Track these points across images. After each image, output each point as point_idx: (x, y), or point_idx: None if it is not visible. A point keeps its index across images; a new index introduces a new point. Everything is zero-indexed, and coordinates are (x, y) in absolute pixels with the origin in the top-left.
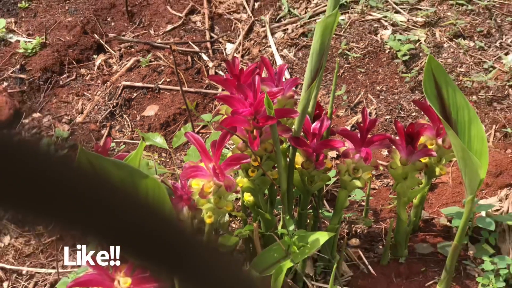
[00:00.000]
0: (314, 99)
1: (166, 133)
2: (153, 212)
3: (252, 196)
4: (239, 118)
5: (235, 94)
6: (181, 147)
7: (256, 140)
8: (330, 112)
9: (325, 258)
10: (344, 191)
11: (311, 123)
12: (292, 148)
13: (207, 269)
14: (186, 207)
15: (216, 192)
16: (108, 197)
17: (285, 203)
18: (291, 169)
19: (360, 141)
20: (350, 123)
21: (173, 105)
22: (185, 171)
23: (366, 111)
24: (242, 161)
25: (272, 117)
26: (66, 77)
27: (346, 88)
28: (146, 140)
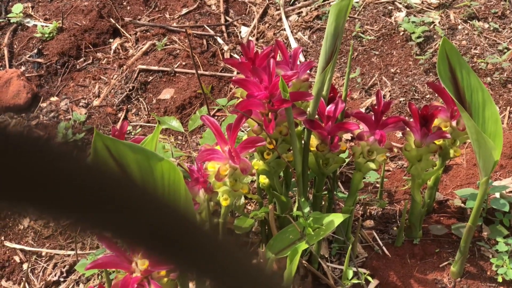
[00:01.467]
0: (329, 82)
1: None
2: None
3: (268, 178)
4: (254, 101)
5: (250, 77)
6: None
7: (271, 123)
8: (344, 95)
9: (340, 240)
10: (358, 173)
11: (325, 106)
12: (307, 131)
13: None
14: (202, 190)
15: (231, 174)
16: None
17: (300, 185)
18: (306, 151)
19: (374, 124)
20: (364, 106)
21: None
22: (201, 154)
23: (380, 94)
24: (257, 144)
25: (287, 100)
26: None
27: (361, 70)
28: (162, 123)
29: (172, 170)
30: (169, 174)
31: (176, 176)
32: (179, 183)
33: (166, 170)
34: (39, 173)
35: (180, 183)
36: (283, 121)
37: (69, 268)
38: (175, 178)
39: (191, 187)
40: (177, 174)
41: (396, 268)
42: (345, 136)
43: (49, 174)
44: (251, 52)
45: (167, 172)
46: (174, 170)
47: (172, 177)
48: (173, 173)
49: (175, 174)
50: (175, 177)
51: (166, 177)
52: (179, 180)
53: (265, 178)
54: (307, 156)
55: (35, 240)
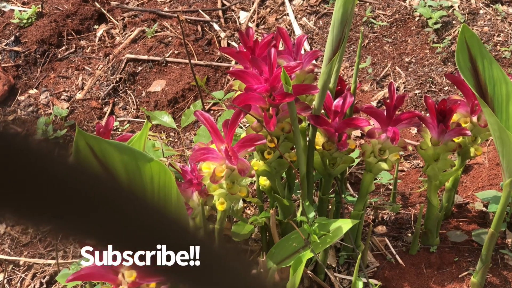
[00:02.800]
0: (336, 73)
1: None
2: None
3: (269, 180)
4: (253, 95)
5: (249, 68)
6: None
7: (272, 119)
8: (353, 87)
9: (348, 248)
10: (369, 174)
11: (332, 100)
12: (312, 128)
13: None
14: (196, 193)
15: (228, 176)
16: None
17: (305, 188)
18: (311, 150)
19: (386, 119)
20: (375, 99)
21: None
22: (195, 153)
23: (393, 86)
24: (257, 142)
25: (289, 94)
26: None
27: (372, 60)
28: (152, 119)
29: (162, 171)
30: (159, 176)
31: (167, 178)
32: (170, 185)
33: (156, 171)
34: (16, 174)
35: (172, 186)
36: (285, 117)
37: (49, 279)
38: (166, 180)
39: (184, 190)
40: (168, 176)
41: (411, 278)
42: (354, 133)
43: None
44: (250, 40)
45: (157, 174)
46: (164, 172)
47: (163, 179)
48: (164, 175)
49: (165, 176)
50: (165, 179)
51: (156, 179)
52: (170, 183)
53: (265, 180)
54: (312, 156)
55: (12, 248)
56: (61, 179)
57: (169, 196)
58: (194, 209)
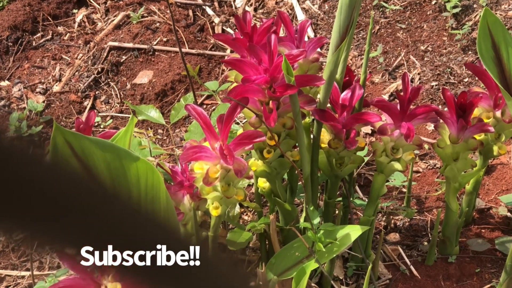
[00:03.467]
0: (344, 63)
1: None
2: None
3: (268, 182)
4: (251, 87)
5: (246, 57)
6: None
7: (272, 114)
8: (363, 79)
9: (357, 257)
10: (380, 175)
11: (339, 93)
12: (316, 124)
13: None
14: (187, 196)
15: (224, 177)
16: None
17: (309, 191)
18: (316, 149)
19: (400, 114)
20: (387, 92)
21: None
22: (186, 152)
23: (407, 77)
24: (255, 139)
25: (292, 85)
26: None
27: (383, 48)
28: (138, 114)
29: (150, 171)
30: (146, 177)
31: (154, 179)
32: (158, 188)
33: (143, 172)
34: None
35: (160, 188)
36: (287, 111)
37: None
38: (154, 181)
39: (174, 193)
40: (156, 176)
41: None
42: (364, 130)
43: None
44: (247, 26)
45: (143, 174)
46: (152, 172)
47: (150, 180)
48: (151, 175)
49: (153, 177)
50: (153, 180)
51: (143, 180)
52: (159, 184)
53: (265, 182)
54: (317, 155)
55: None
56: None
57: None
58: (185, 214)
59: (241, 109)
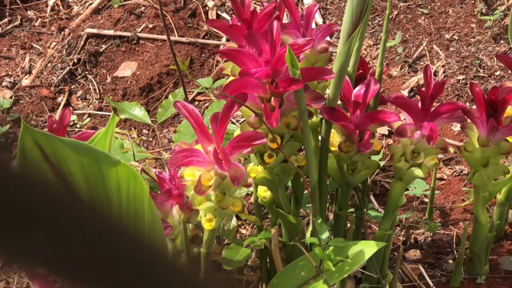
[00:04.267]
0: (357, 54)
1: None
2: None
3: (270, 191)
4: (250, 82)
5: (244, 46)
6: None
7: (274, 113)
8: (379, 72)
9: (372, 278)
10: (399, 183)
11: (352, 88)
12: (325, 124)
13: None
14: (176, 207)
15: (218, 185)
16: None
17: (316, 201)
18: (324, 152)
19: (421, 113)
20: (407, 87)
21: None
22: (175, 156)
23: (430, 70)
24: (255, 142)
25: (297, 79)
26: (7, 22)
27: (402, 36)
28: (119, 111)
29: (132, 178)
30: (127, 185)
31: (138, 187)
32: (142, 197)
33: (124, 178)
34: None
35: (144, 198)
36: (291, 109)
37: None
38: (137, 189)
39: (161, 203)
40: (139, 184)
41: None
42: (380, 131)
43: None
44: (246, 11)
45: (124, 181)
46: (134, 179)
47: (132, 188)
48: (134, 182)
49: (136, 184)
50: (136, 188)
51: (124, 188)
52: (142, 193)
53: (266, 191)
54: (326, 159)
55: None
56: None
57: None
58: (174, 228)
59: (238, 107)
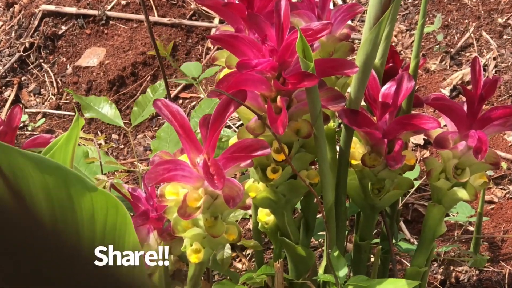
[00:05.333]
0: (386, 42)
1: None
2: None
3: (273, 214)
4: (251, 76)
5: (244, 31)
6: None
7: (281, 116)
8: (414, 65)
9: None
10: (437, 207)
11: (379, 85)
12: (345, 131)
13: None
14: (154, 234)
15: (209, 207)
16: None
17: (332, 228)
18: (344, 167)
19: (467, 118)
20: (449, 84)
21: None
22: (154, 169)
23: (478, 63)
24: (256, 152)
25: (310, 74)
26: None
27: (443, 20)
28: (84, 109)
29: (112, 208)
30: (105, 215)
31: (119, 220)
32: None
33: (101, 207)
34: None
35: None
36: (302, 111)
37: None
38: (118, 222)
39: (135, 228)
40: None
41: None
42: (414, 140)
43: None
44: None
45: (101, 211)
46: (116, 209)
47: (112, 220)
48: (114, 213)
49: (117, 216)
50: (117, 220)
51: (100, 219)
52: (125, 226)
53: (268, 214)
54: (345, 176)
55: None
56: None
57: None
58: None
59: (235, 108)
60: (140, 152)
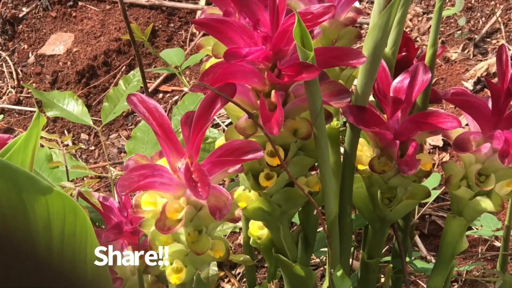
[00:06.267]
0: (399, 27)
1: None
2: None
3: (267, 228)
4: (241, 67)
5: (233, 14)
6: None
7: (275, 113)
8: (431, 54)
9: None
10: (457, 219)
11: (391, 78)
12: (351, 131)
13: None
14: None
15: (191, 220)
16: None
17: (335, 243)
18: (349, 173)
19: (493, 117)
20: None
21: (104, 34)
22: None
23: (506, 52)
24: (246, 156)
25: (309, 65)
26: None
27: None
28: (46, 106)
29: (70, 213)
30: (63, 222)
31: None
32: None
33: (58, 213)
34: None
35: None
36: (300, 108)
37: None
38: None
39: (107, 244)
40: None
41: None
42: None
43: None
44: None
45: (58, 216)
46: (75, 214)
47: (71, 227)
48: (73, 219)
49: (76, 222)
50: (76, 227)
51: (57, 226)
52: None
53: (261, 228)
54: (351, 183)
55: None
56: None
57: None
58: (125, 280)
59: (222, 104)
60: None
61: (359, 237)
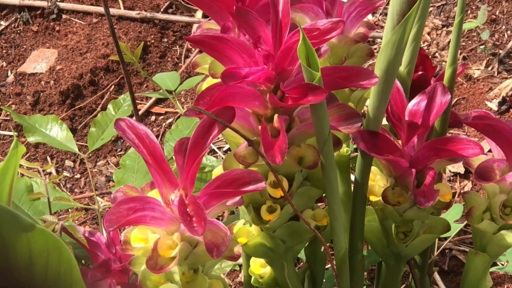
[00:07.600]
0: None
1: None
2: None
3: (270, 266)
4: (240, 89)
5: (232, 30)
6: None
7: (278, 140)
8: (450, 73)
9: None
10: (480, 255)
11: (406, 100)
12: (362, 158)
13: None
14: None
15: (186, 257)
16: None
17: (345, 282)
18: (360, 205)
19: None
20: (496, 96)
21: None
22: (117, 208)
23: None
24: (246, 187)
25: (316, 86)
26: None
27: (489, 13)
28: (27, 131)
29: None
30: (46, 260)
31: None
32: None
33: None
34: None
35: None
36: (306, 134)
37: None
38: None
39: (93, 284)
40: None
41: None
42: (452, 168)
43: None
44: None
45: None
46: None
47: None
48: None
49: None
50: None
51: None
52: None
53: (264, 266)
54: (362, 216)
55: None
56: None
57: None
58: None
59: (220, 130)
60: (101, 183)
61: (372, 275)
